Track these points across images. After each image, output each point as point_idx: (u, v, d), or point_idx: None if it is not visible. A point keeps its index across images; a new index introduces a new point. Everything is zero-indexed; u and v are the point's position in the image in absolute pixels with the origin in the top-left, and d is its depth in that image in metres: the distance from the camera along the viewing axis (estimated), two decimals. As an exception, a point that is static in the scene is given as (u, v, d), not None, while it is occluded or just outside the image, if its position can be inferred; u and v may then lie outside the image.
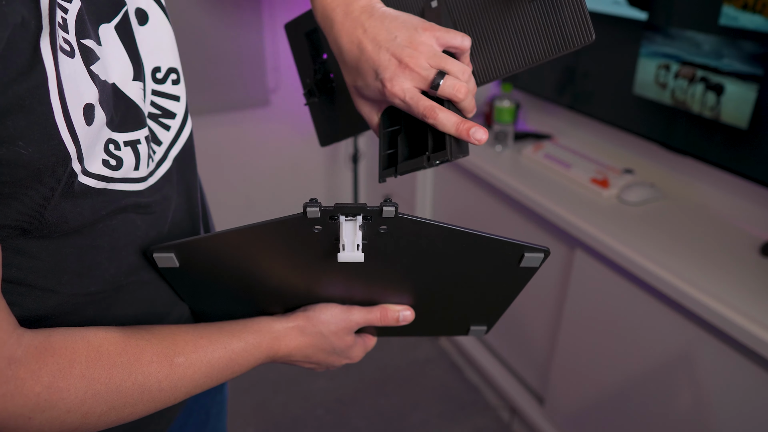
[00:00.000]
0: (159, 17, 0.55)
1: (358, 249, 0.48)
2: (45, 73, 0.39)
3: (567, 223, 1.36)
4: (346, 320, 0.60)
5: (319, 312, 0.60)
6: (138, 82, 0.50)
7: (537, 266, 0.54)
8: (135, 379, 0.47)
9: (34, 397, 0.42)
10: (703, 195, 1.39)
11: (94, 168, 0.45)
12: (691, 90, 1.28)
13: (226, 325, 0.56)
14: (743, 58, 1.15)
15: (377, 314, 0.61)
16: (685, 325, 1.15)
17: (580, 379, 1.48)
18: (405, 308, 0.62)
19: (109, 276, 0.51)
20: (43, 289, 0.47)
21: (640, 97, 1.40)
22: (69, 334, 0.46)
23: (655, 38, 1.32)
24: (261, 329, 0.57)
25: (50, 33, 0.40)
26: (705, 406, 1.14)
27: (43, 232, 0.44)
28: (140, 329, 0.51)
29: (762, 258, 1.17)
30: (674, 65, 1.30)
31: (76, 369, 0.44)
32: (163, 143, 0.55)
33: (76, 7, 0.44)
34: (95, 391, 0.45)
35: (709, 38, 1.21)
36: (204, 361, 0.52)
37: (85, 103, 0.43)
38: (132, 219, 0.51)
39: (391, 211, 0.46)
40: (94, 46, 0.45)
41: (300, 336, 0.59)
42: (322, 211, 0.46)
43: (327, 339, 0.60)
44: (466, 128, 0.50)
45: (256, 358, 0.57)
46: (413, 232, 0.49)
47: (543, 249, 0.52)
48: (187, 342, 0.52)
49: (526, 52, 0.56)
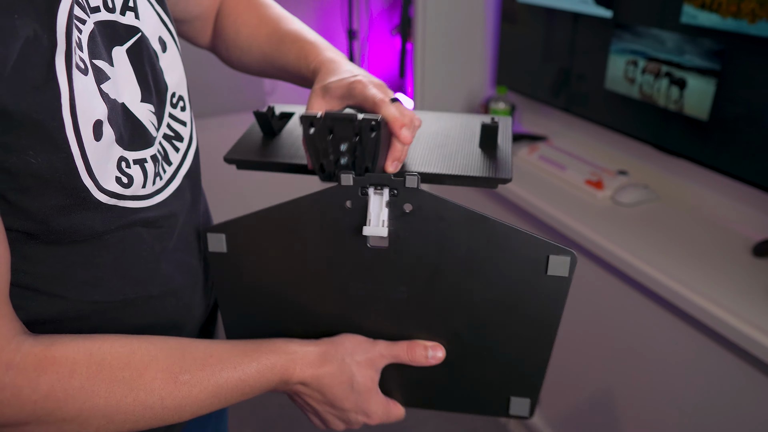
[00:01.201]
0: (173, 47, 0.57)
1: (383, 225, 0.51)
2: (58, 89, 0.41)
3: (561, 224, 1.37)
4: (371, 350, 0.57)
5: (342, 338, 0.57)
6: (146, 104, 0.52)
7: (566, 275, 0.51)
8: (136, 396, 0.46)
9: (31, 405, 0.42)
10: (697, 196, 1.41)
11: (109, 185, 0.46)
12: (657, 84, 1.35)
13: (239, 344, 0.54)
14: (703, 54, 1.23)
15: (404, 348, 0.57)
16: (678, 326, 1.16)
17: (575, 380, 1.50)
18: (435, 345, 0.57)
19: (113, 286, 0.52)
20: (49, 295, 0.48)
21: (611, 92, 1.47)
22: (72, 343, 0.45)
23: (624, 35, 1.40)
24: (277, 350, 0.54)
25: (66, 51, 0.41)
26: (698, 406, 1.16)
27: (50, 238, 0.45)
28: (150, 341, 0.49)
29: (754, 258, 1.18)
30: (641, 61, 1.37)
31: (76, 380, 0.44)
32: (173, 164, 0.56)
33: (89, 28, 0.46)
34: (93, 404, 0.45)
35: (672, 35, 1.28)
36: (211, 381, 0.50)
37: (95, 120, 0.44)
38: (139, 233, 0.52)
39: (413, 179, 0.49)
40: (105, 67, 0.47)
41: (319, 362, 0.55)
42: (355, 179, 0.50)
43: (348, 370, 0.56)
44: (400, 123, 0.53)
45: (269, 380, 0.53)
46: (435, 213, 0.51)
47: (568, 251, 0.51)
48: (195, 359, 0.50)
49: (459, 166, 0.61)
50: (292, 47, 0.65)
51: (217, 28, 0.75)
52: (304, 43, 0.65)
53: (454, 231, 0.52)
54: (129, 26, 0.51)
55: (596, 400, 1.44)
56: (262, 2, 0.74)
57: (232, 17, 0.72)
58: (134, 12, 0.52)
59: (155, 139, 0.53)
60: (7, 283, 0.43)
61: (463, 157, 0.61)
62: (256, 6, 0.72)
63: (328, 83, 0.57)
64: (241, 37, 0.71)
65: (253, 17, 0.71)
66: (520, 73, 1.81)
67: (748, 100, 1.17)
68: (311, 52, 0.63)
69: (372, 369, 0.57)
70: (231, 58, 0.75)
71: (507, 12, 1.81)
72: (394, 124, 0.52)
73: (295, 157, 0.62)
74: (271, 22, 0.70)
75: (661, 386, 1.23)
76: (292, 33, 0.67)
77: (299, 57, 0.64)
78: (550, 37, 1.66)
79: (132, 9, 0.52)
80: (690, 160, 1.32)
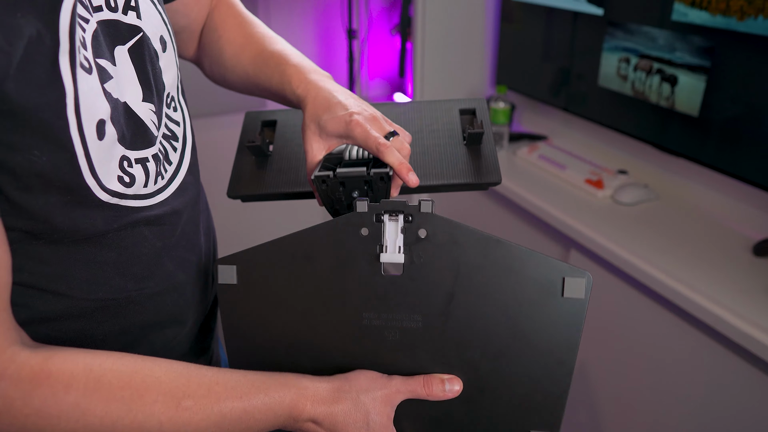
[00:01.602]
0: (171, 47, 0.58)
1: (399, 251, 0.52)
2: (63, 89, 0.41)
3: (562, 223, 1.37)
4: (386, 386, 0.54)
5: (357, 374, 0.55)
6: (147, 104, 0.52)
7: (583, 297, 0.51)
8: (134, 417, 0.44)
9: (22, 418, 0.41)
10: (697, 195, 1.41)
11: (111, 185, 0.47)
12: (648, 81, 1.37)
13: (249, 375, 0.52)
14: (693, 51, 1.25)
15: (420, 383, 0.55)
16: (678, 325, 1.16)
17: (575, 379, 1.50)
18: (452, 378, 0.55)
19: (115, 284, 0.52)
20: (52, 293, 0.48)
21: (604, 89, 1.50)
22: (71, 357, 0.44)
23: (616, 33, 1.42)
24: (287, 383, 0.52)
25: (70, 50, 0.41)
26: (698, 404, 1.16)
27: (53, 237, 0.45)
28: (155, 362, 0.48)
29: (754, 258, 1.18)
30: (633, 58, 1.40)
31: (71, 396, 0.43)
32: (173, 162, 0.57)
33: (92, 27, 0.46)
34: (88, 422, 0.43)
35: (664, 33, 1.31)
36: (215, 409, 0.48)
37: (98, 119, 0.44)
38: (141, 231, 0.52)
39: (428, 204, 0.51)
40: (108, 66, 0.47)
41: (333, 399, 0.52)
42: (370, 206, 0.52)
43: (364, 407, 0.53)
44: (406, 168, 0.56)
45: (277, 415, 0.51)
46: (450, 237, 0.51)
47: (583, 273, 0.51)
48: (200, 385, 0.48)
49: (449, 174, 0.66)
50: (276, 69, 0.65)
51: (202, 42, 0.75)
52: (287, 66, 0.64)
53: (469, 255, 0.52)
54: (131, 25, 0.51)
55: (596, 398, 1.44)
56: (249, 20, 0.73)
57: (217, 33, 0.72)
58: (136, 11, 0.52)
59: (156, 138, 0.53)
60: (7, 289, 0.42)
61: (450, 163, 0.64)
62: (243, 24, 0.72)
63: (322, 121, 0.58)
64: (225, 55, 0.71)
65: (239, 36, 0.71)
66: (520, 73, 1.81)
67: (737, 96, 1.19)
68: (294, 75, 0.63)
69: (388, 406, 0.54)
70: (214, 74, 0.75)
71: (506, 11, 1.81)
72: (400, 171, 0.55)
73: (299, 184, 0.66)
74: (257, 43, 0.69)
75: (660, 385, 1.24)
76: (277, 55, 0.67)
77: (283, 81, 0.64)
78: (546, 36, 1.66)
79: (134, 8, 0.52)
80: (683, 157, 1.32)
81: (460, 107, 0.71)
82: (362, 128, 0.56)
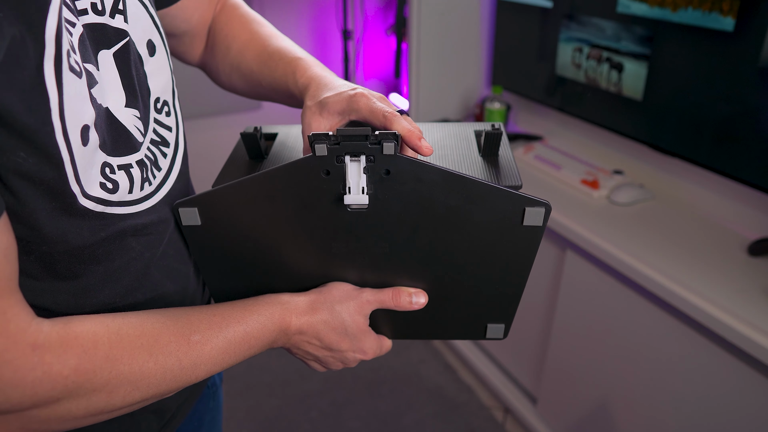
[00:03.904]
0: (162, 51, 0.57)
1: (363, 192, 0.51)
2: (47, 93, 0.40)
3: (557, 224, 1.37)
4: (358, 297, 0.60)
5: (330, 287, 0.60)
6: (131, 109, 0.51)
7: (540, 224, 0.54)
8: (156, 360, 0.48)
9: (62, 380, 0.43)
10: (692, 195, 1.41)
11: (94, 191, 0.46)
12: (599, 69, 1.49)
13: (238, 303, 0.57)
14: (636, 41, 1.38)
15: (389, 295, 0.60)
16: (674, 325, 1.16)
17: (572, 379, 1.50)
18: (418, 292, 0.61)
19: (103, 297, 0.52)
20: (38, 308, 0.47)
21: (561, 77, 1.62)
22: (87, 319, 0.46)
23: (571, 25, 1.54)
24: (271, 301, 0.57)
25: (55, 55, 0.41)
26: (693, 404, 1.16)
27: (41, 249, 0.45)
28: (155, 313, 0.51)
29: (749, 257, 1.19)
30: (585, 48, 1.52)
31: (101, 351, 0.45)
32: (162, 169, 0.56)
33: (78, 32, 0.45)
34: (119, 371, 0.46)
35: (611, 24, 1.43)
36: (220, 337, 0.53)
37: (83, 125, 0.44)
38: (128, 242, 0.52)
39: (391, 146, 0.49)
40: (93, 71, 0.47)
41: (311, 310, 0.58)
42: (329, 149, 0.49)
43: (339, 315, 0.59)
44: (416, 135, 0.52)
45: (271, 330, 0.56)
46: (414, 176, 0.51)
47: (543, 202, 0.52)
48: (201, 321, 0.52)
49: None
50: (279, 63, 0.64)
51: (208, 44, 0.74)
52: (291, 59, 0.64)
53: (433, 191, 0.52)
54: (118, 29, 0.50)
55: (592, 398, 1.44)
56: (255, 20, 0.73)
57: (223, 33, 0.72)
58: (123, 15, 0.51)
59: (142, 144, 0.53)
60: (16, 271, 0.43)
61: (467, 168, 0.62)
62: (248, 23, 0.72)
63: (324, 98, 0.56)
64: (231, 53, 0.70)
65: (244, 33, 0.70)
66: (515, 73, 1.81)
67: (674, 80, 1.31)
68: (299, 67, 0.62)
69: (361, 315, 0.60)
70: (220, 75, 0.74)
71: (501, 11, 1.81)
72: (410, 138, 0.51)
73: None
74: (262, 39, 0.69)
75: (656, 384, 1.24)
76: (281, 49, 0.66)
77: (287, 73, 0.63)
78: (532, 34, 1.66)
79: (121, 12, 0.51)
80: (678, 157, 1.32)
81: (476, 129, 0.70)
82: (367, 99, 0.53)
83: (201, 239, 0.57)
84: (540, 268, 1.53)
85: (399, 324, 0.66)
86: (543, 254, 1.51)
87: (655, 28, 1.31)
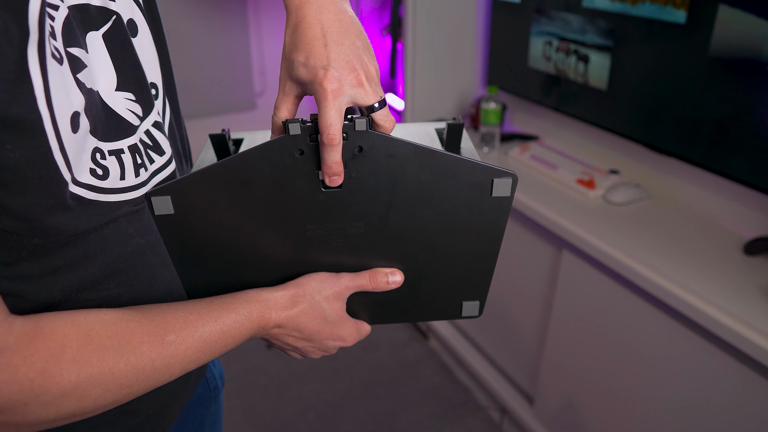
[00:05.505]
0: (145, 32, 0.55)
1: None
2: (31, 81, 0.39)
3: (554, 224, 1.37)
4: (336, 284, 0.60)
5: (308, 278, 0.60)
6: (124, 92, 0.50)
7: (508, 195, 0.56)
8: (128, 361, 0.47)
9: (28, 383, 0.42)
10: (688, 194, 1.41)
11: (83, 177, 0.45)
12: (567, 61, 1.57)
13: (216, 300, 0.56)
14: (600, 33, 1.46)
15: (366, 278, 0.61)
16: (670, 324, 1.16)
17: (568, 379, 1.50)
18: (394, 271, 0.62)
19: (100, 285, 0.51)
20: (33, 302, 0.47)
21: (533, 69, 1.70)
22: (58, 318, 0.46)
23: (541, 19, 1.62)
24: (250, 299, 0.57)
25: (39, 42, 0.40)
26: (690, 403, 1.16)
27: (35, 241, 0.44)
28: (131, 311, 0.50)
29: (745, 256, 1.19)
30: (555, 41, 1.59)
31: (68, 353, 0.44)
32: (166, 153, 0.56)
33: (63, 14, 0.44)
34: (88, 374, 0.45)
35: (577, 18, 1.51)
36: (195, 336, 0.52)
37: (72, 112, 0.43)
38: (124, 229, 0.51)
39: (363, 122, 0.50)
40: (81, 54, 0.45)
41: (291, 304, 0.58)
42: (302, 128, 0.50)
43: (319, 305, 0.59)
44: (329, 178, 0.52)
45: (248, 328, 0.56)
46: (386, 152, 0.52)
47: (510, 173, 0.55)
48: (177, 319, 0.52)
49: None
50: None
51: None
52: None
53: (405, 166, 0.54)
54: (101, 8, 0.49)
55: (589, 398, 1.44)
56: None
57: None
58: None
59: (137, 128, 0.51)
60: None
61: None
62: None
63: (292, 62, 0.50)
64: None
65: None
66: (511, 72, 1.81)
67: (634, 70, 1.39)
68: None
69: (339, 301, 0.61)
70: None
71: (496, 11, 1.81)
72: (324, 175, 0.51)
73: None
74: None
75: (653, 384, 1.24)
76: None
77: None
78: (511, 31, 1.66)
79: None
80: (674, 156, 1.33)
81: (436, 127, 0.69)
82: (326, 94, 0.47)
83: (174, 230, 0.56)
84: (536, 268, 1.53)
85: (376, 308, 0.67)
86: (539, 254, 1.51)
87: (617, 21, 1.39)
